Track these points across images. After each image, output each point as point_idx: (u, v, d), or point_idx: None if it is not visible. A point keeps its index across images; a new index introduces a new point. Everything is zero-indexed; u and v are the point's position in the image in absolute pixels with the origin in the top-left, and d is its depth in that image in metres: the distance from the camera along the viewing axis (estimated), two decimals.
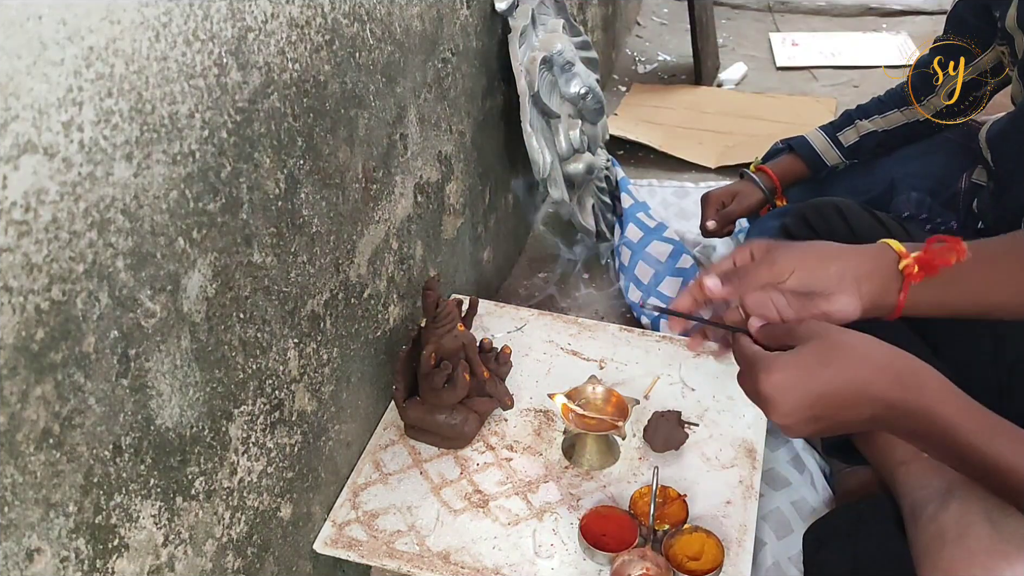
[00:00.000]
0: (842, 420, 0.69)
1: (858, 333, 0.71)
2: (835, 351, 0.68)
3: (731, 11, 2.71)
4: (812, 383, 0.67)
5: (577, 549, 0.89)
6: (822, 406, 0.68)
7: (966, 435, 0.68)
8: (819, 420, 0.69)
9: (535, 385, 1.09)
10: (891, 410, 0.68)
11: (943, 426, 0.68)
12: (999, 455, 0.68)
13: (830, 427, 0.70)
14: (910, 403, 0.68)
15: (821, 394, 0.67)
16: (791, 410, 0.68)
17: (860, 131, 1.37)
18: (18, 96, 0.47)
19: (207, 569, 0.73)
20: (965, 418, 0.68)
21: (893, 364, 0.69)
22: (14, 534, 0.52)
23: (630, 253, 1.49)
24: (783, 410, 0.68)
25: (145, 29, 0.56)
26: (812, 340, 0.69)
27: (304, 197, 0.80)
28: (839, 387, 0.67)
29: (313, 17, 0.77)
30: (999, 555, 0.79)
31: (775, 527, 1.07)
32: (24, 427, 0.52)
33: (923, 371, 0.70)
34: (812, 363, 0.68)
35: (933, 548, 0.86)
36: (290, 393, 0.83)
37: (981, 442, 0.68)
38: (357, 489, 0.97)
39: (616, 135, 1.86)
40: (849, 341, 0.69)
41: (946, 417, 0.68)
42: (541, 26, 1.37)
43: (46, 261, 0.51)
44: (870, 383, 0.68)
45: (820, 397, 0.68)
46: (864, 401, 0.68)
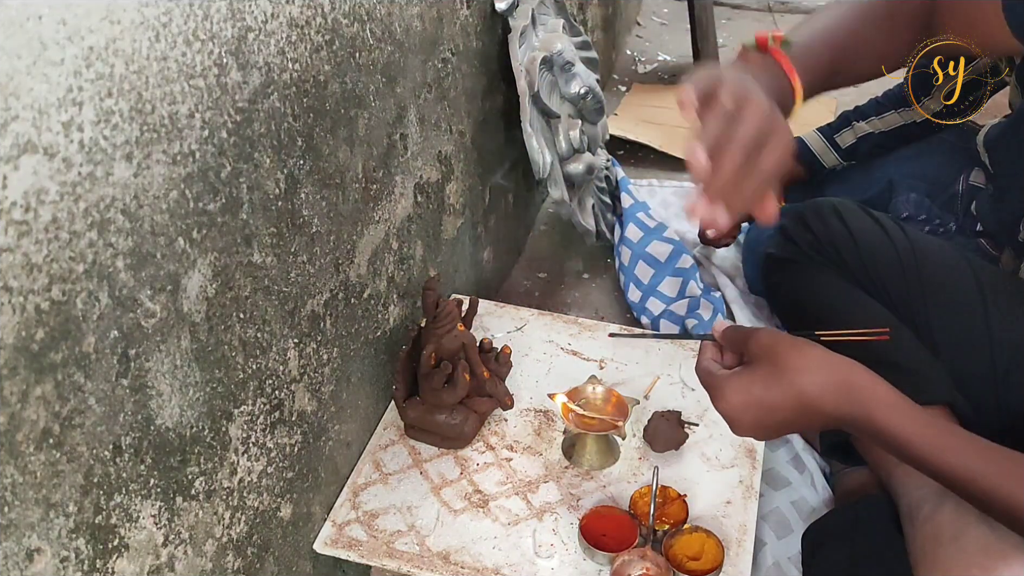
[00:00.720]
0: (797, 428, 0.77)
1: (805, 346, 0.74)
2: (782, 372, 0.72)
3: (731, 11, 2.70)
4: (762, 403, 0.73)
5: (577, 549, 0.89)
6: (775, 422, 0.73)
7: (916, 448, 0.72)
8: (776, 430, 0.75)
9: (535, 385, 1.09)
10: (840, 421, 0.73)
11: (892, 438, 0.72)
12: (951, 467, 0.72)
13: (788, 432, 0.78)
14: (858, 418, 0.72)
15: (772, 413, 0.73)
16: (748, 427, 0.75)
17: (857, 133, 1.38)
18: (18, 96, 0.47)
19: (207, 569, 0.73)
20: (913, 431, 0.72)
21: (837, 379, 0.72)
22: (14, 534, 0.52)
23: (630, 253, 1.49)
24: (742, 427, 0.75)
25: (145, 29, 0.56)
26: (762, 359, 0.74)
27: (304, 197, 0.80)
28: (788, 406, 0.72)
29: (313, 17, 0.77)
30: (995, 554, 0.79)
31: (775, 527, 1.07)
32: (24, 427, 0.52)
33: (870, 386, 0.73)
34: (760, 385, 0.73)
35: (930, 548, 0.86)
36: (290, 393, 0.83)
37: (931, 454, 0.72)
38: (357, 489, 0.97)
39: (616, 135, 1.86)
40: (793, 359, 0.73)
41: (894, 430, 0.72)
42: (541, 26, 1.37)
43: (46, 261, 0.51)
44: (815, 400, 0.72)
45: (771, 415, 0.73)
46: (812, 415, 0.72)
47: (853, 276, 1.09)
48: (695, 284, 1.40)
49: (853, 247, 1.09)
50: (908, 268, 1.06)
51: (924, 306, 1.04)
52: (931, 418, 0.74)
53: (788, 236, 1.15)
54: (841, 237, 1.09)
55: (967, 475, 0.72)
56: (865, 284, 1.08)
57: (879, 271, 1.07)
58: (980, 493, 0.72)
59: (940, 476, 0.73)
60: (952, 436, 0.74)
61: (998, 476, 0.72)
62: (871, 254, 1.08)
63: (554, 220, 1.73)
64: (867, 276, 1.08)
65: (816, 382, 0.72)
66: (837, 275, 1.10)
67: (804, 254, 1.13)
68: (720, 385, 0.75)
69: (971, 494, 0.73)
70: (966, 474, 0.72)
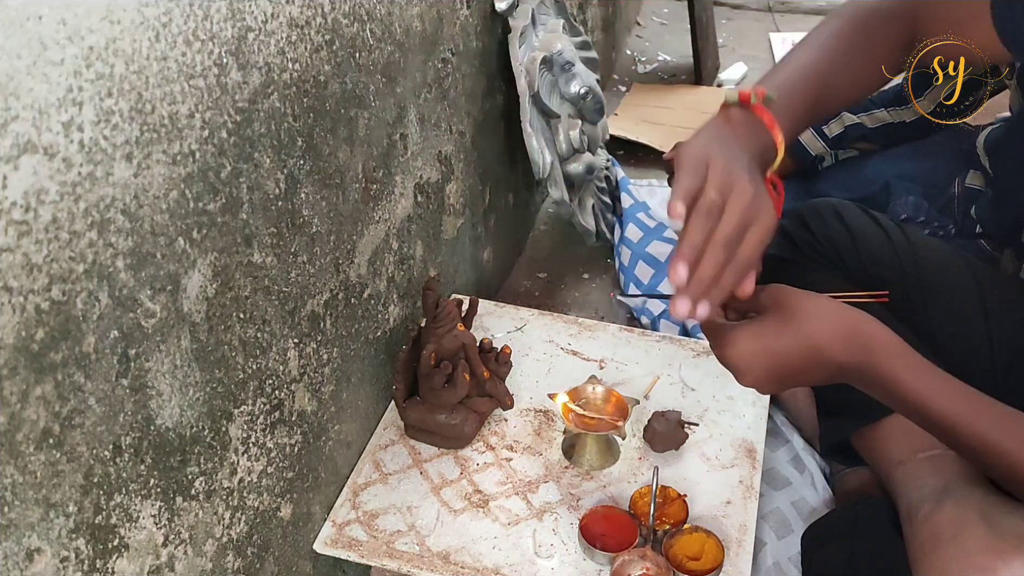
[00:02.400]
0: (804, 379, 0.75)
1: (815, 297, 0.75)
2: (792, 319, 0.73)
3: (731, 11, 2.70)
4: (772, 351, 0.73)
5: (577, 549, 0.89)
6: (784, 370, 0.73)
7: (913, 393, 0.73)
8: (784, 380, 0.75)
9: (535, 385, 1.09)
10: (847, 370, 0.73)
11: (892, 385, 0.73)
12: (944, 411, 0.73)
13: (794, 384, 0.78)
14: (862, 364, 0.73)
15: (781, 361, 0.73)
16: (757, 376, 0.74)
17: (845, 122, 1.39)
18: (18, 96, 0.47)
19: (207, 569, 0.73)
20: (913, 377, 0.73)
21: (847, 327, 0.73)
22: (14, 534, 0.52)
23: (630, 253, 1.49)
24: (750, 377, 0.74)
25: (145, 29, 0.56)
26: (771, 309, 0.74)
27: (304, 197, 0.80)
28: (797, 353, 0.72)
29: (313, 17, 0.77)
30: (994, 554, 0.79)
31: (775, 527, 1.07)
32: (24, 427, 0.52)
33: (876, 333, 0.74)
34: (771, 332, 0.73)
35: (929, 548, 0.87)
36: (290, 393, 0.83)
37: (927, 399, 0.73)
38: (357, 489, 0.97)
39: (616, 135, 1.86)
40: (805, 307, 0.74)
41: (895, 376, 0.73)
42: (541, 26, 1.37)
43: (46, 261, 0.51)
44: (825, 347, 0.72)
45: (781, 364, 0.73)
46: (821, 363, 0.73)
47: (853, 276, 1.09)
48: None
49: (852, 248, 1.08)
50: (907, 269, 1.06)
51: (924, 307, 1.04)
52: (934, 368, 0.74)
53: (788, 236, 1.15)
54: (841, 237, 1.09)
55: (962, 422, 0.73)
56: (865, 285, 1.08)
57: (879, 272, 1.07)
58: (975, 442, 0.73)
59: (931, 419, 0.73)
60: (949, 382, 0.74)
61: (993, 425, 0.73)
62: (870, 255, 1.08)
63: (554, 220, 1.73)
64: (867, 276, 1.08)
65: (826, 329, 0.72)
66: (837, 275, 1.10)
67: (803, 255, 1.13)
68: (728, 333, 0.74)
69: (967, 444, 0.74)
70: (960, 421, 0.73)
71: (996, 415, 0.74)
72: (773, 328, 0.73)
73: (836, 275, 1.10)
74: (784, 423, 1.19)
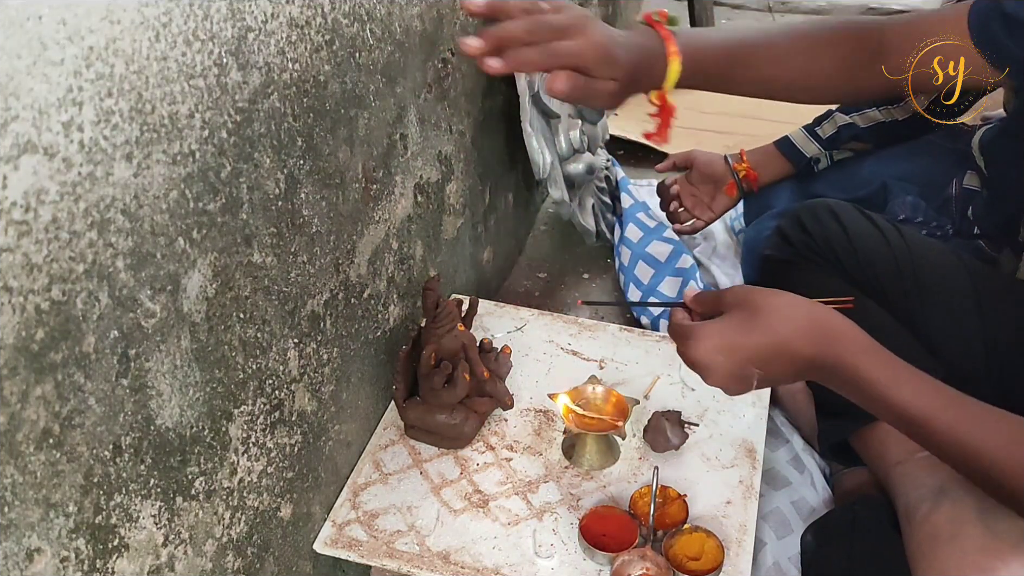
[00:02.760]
0: (771, 377, 0.74)
1: (780, 294, 0.76)
2: (757, 315, 0.73)
3: (731, 11, 2.71)
4: (738, 348, 0.72)
5: (577, 549, 0.89)
6: (751, 367, 0.73)
7: (878, 386, 0.73)
8: (750, 379, 0.74)
9: (535, 385, 1.09)
10: (812, 365, 0.73)
11: (857, 378, 0.73)
12: (907, 403, 0.72)
13: (761, 383, 0.75)
14: (828, 358, 0.73)
15: (748, 357, 0.72)
16: (724, 374, 0.73)
17: (838, 122, 1.39)
18: (18, 96, 0.47)
19: (207, 569, 0.73)
20: (877, 370, 0.73)
21: (813, 321, 0.74)
22: (14, 534, 0.52)
23: (630, 253, 1.49)
24: (717, 374, 0.74)
25: (145, 29, 0.56)
26: (737, 307, 0.74)
27: (304, 197, 0.80)
28: (763, 349, 0.72)
29: (313, 17, 0.77)
30: (992, 554, 0.79)
31: (775, 527, 1.07)
32: (24, 427, 0.52)
33: (842, 327, 0.74)
34: (737, 329, 0.73)
35: (927, 548, 0.87)
36: (290, 393, 0.83)
37: (891, 392, 0.73)
38: (357, 489, 0.97)
39: (616, 135, 1.86)
40: (770, 303, 0.74)
41: (859, 369, 0.73)
42: None
43: (46, 261, 0.51)
44: (790, 342, 0.72)
45: (747, 359, 0.73)
46: (786, 358, 0.73)
47: (849, 277, 1.09)
48: (695, 284, 1.40)
49: (849, 248, 1.09)
50: (904, 269, 1.06)
51: (920, 306, 1.05)
52: (902, 363, 0.74)
53: (784, 237, 1.15)
54: (837, 238, 1.09)
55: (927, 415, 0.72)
56: (861, 285, 1.08)
57: (875, 272, 1.07)
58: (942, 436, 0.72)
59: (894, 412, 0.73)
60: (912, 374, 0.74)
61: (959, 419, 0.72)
62: (867, 255, 1.08)
63: (554, 220, 1.73)
64: (863, 277, 1.08)
65: (792, 323, 0.73)
66: (834, 276, 1.10)
67: (800, 255, 1.13)
68: (693, 332, 0.74)
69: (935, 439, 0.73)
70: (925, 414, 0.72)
71: (962, 409, 0.73)
72: (739, 324, 0.73)
73: (833, 276, 1.10)
74: (784, 423, 1.19)
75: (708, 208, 1.46)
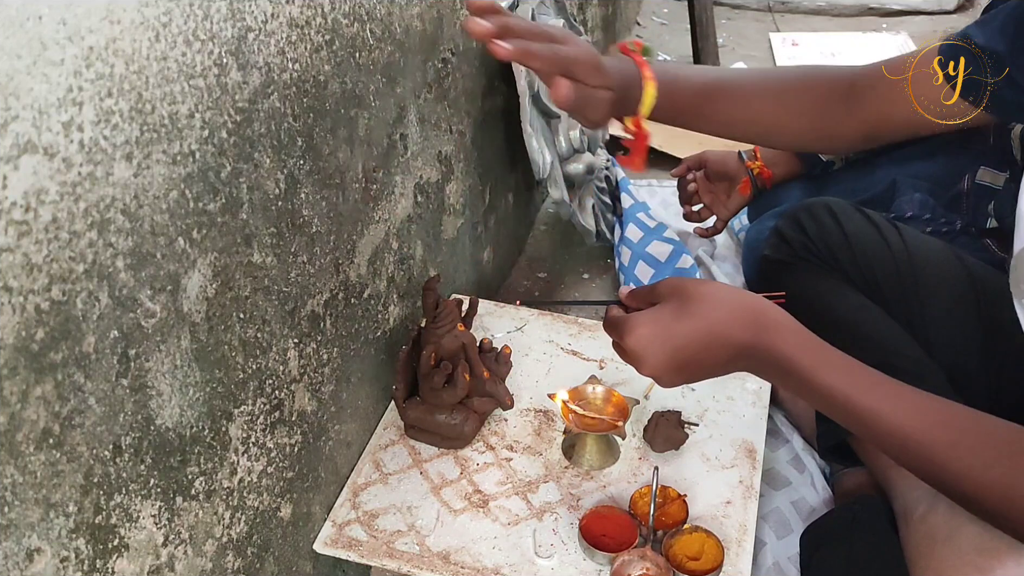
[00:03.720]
0: (705, 365, 0.74)
1: (712, 283, 0.77)
2: (690, 302, 0.74)
3: (731, 11, 2.71)
4: (671, 334, 0.73)
5: (577, 549, 0.89)
6: (684, 354, 0.73)
7: (803, 368, 0.73)
8: (684, 368, 0.74)
9: (535, 385, 1.09)
10: (743, 350, 0.74)
11: (783, 361, 0.74)
12: (831, 384, 0.73)
13: (696, 373, 0.75)
14: (757, 342, 0.74)
15: (681, 343, 0.73)
16: (657, 362, 0.74)
17: None
18: (18, 96, 0.47)
19: (207, 569, 0.73)
20: (803, 353, 0.74)
21: (744, 308, 0.75)
22: (14, 534, 0.52)
23: (630, 253, 1.49)
24: (650, 363, 0.74)
25: (145, 29, 0.56)
26: (670, 296, 0.75)
27: (304, 197, 0.80)
28: (696, 334, 0.73)
29: (313, 17, 0.77)
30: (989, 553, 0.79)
31: (775, 527, 1.07)
32: (24, 427, 0.52)
33: (772, 313, 0.75)
34: (669, 316, 0.74)
35: (924, 548, 0.87)
36: (290, 393, 0.83)
37: (813, 374, 0.73)
38: (357, 489, 0.97)
39: (616, 135, 1.86)
40: (703, 291, 0.75)
41: (785, 352, 0.73)
42: None
43: (46, 261, 0.51)
44: (722, 327, 0.73)
45: (680, 346, 0.73)
46: (719, 344, 0.73)
47: (847, 276, 1.09)
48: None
49: (847, 248, 1.08)
50: (902, 267, 1.06)
51: (919, 306, 1.05)
52: (832, 348, 0.75)
53: (782, 238, 1.15)
54: (835, 237, 1.09)
55: (851, 396, 0.73)
56: (859, 284, 1.08)
57: (873, 271, 1.07)
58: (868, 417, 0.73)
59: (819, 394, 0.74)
60: (835, 356, 0.74)
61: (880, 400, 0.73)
62: (865, 255, 1.08)
63: (554, 220, 1.73)
64: (861, 276, 1.08)
65: (724, 309, 0.73)
66: (832, 276, 1.10)
67: (798, 256, 1.13)
68: (627, 321, 0.75)
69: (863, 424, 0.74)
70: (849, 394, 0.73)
71: (889, 391, 0.73)
72: (672, 313, 0.74)
73: (831, 275, 1.10)
74: (784, 423, 1.19)
75: (724, 205, 1.45)
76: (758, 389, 1.08)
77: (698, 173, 1.47)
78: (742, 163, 1.43)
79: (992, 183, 1.25)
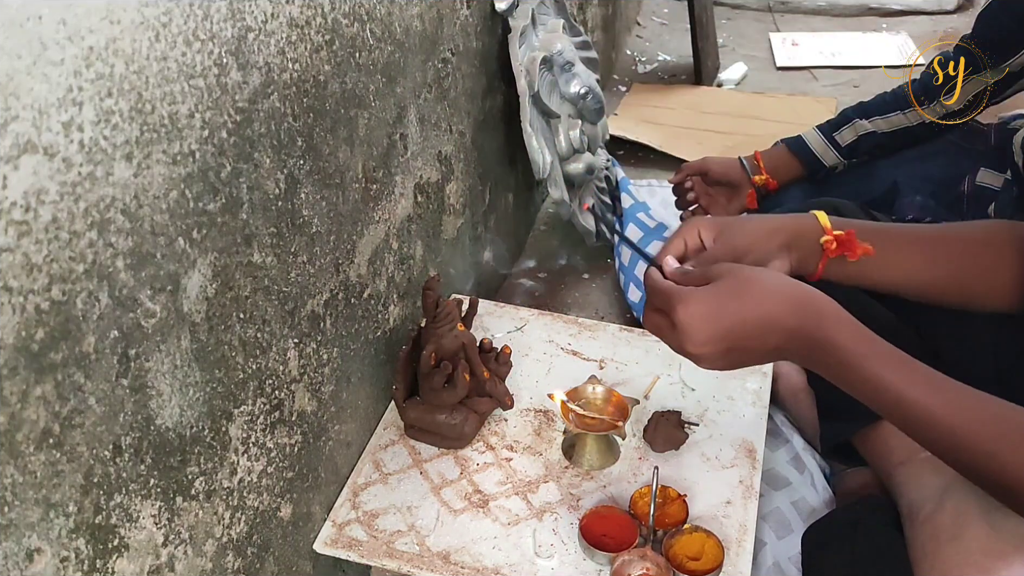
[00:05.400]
0: (750, 349, 0.75)
1: (766, 270, 0.78)
2: (746, 285, 0.74)
3: (731, 11, 2.71)
4: (725, 314, 0.73)
5: (577, 549, 0.89)
6: (734, 336, 0.73)
7: (852, 357, 0.73)
8: (731, 351, 0.74)
9: (535, 385, 1.09)
10: (792, 337, 0.74)
11: (835, 350, 0.73)
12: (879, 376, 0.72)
13: (740, 358, 0.75)
14: (808, 329, 0.73)
15: (732, 324, 0.73)
16: (706, 339, 0.73)
17: (858, 131, 1.37)
18: (18, 96, 0.47)
19: (207, 569, 0.73)
20: (855, 343, 0.73)
21: (796, 295, 0.75)
22: (14, 534, 0.52)
23: (630, 253, 1.49)
24: (698, 339, 0.73)
25: (145, 29, 0.56)
26: (725, 276, 0.75)
27: (304, 197, 0.80)
28: (748, 317, 0.73)
29: (313, 17, 0.77)
30: (995, 554, 0.79)
31: (775, 527, 1.07)
32: (24, 427, 0.52)
33: (822, 301, 0.75)
34: (725, 296, 0.74)
35: (930, 548, 0.87)
36: (290, 393, 0.83)
37: (864, 363, 0.73)
38: (357, 489, 0.97)
39: (616, 135, 1.86)
40: (757, 276, 0.75)
41: (838, 341, 0.73)
42: (541, 26, 1.37)
43: (46, 261, 0.51)
44: (775, 312, 0.73)
45: (732, 327, 0.73)
46: (769, 330, 0.73)
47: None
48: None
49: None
50: None
51: (928, 309, 1.04)
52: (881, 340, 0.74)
53: None
54: None
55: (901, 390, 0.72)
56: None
57: None
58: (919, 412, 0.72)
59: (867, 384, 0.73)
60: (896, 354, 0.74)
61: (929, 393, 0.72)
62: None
63: (554, 220, 1.73)
64: None
65: (779, 298, 0.74)
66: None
67: None
68: (681, 294, 0.74)
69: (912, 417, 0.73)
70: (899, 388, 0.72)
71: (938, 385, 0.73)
72: (727, 292, 0.74)
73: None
74: (784, 423, 1.19)
75: (724, 210, 1.45)
76: (758, 389, 1.08)
77: (695, 177, 1.47)
78: (745, 172, 1.42)
79: (992, 184, 1.25)
